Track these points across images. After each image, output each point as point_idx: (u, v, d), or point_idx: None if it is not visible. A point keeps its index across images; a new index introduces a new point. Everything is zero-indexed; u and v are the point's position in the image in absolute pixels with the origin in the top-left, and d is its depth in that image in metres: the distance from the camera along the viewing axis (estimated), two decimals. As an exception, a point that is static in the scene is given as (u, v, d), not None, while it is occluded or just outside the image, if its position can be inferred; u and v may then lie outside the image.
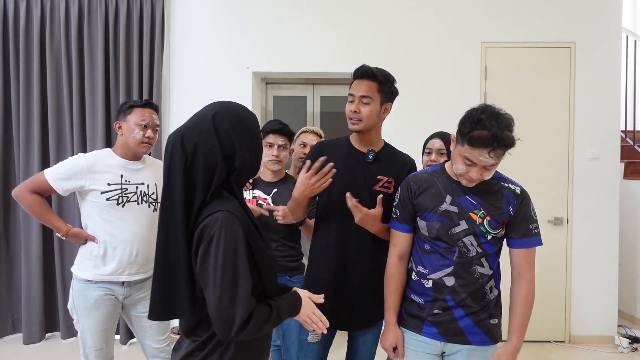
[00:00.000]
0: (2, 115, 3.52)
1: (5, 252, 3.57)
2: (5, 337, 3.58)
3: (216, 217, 1.10)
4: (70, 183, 2.00)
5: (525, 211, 1.58)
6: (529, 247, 1.59)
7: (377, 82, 1.79)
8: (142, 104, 2.11)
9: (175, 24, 3.64)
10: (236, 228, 1.11)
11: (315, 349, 1.87)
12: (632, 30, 5.35)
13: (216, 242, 1.08)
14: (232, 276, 1.09)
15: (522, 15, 3.59)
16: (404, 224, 1.68)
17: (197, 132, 1.15)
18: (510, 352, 1.59)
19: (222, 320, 1.08)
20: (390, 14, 3.61)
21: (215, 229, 1.09)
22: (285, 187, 2.24)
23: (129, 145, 2.09)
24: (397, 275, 1.69)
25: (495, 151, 1.46)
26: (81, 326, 2.06)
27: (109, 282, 2.06)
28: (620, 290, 3.67)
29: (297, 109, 4.03)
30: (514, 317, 1.61)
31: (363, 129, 1.81)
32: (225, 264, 1.08)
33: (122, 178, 2.06)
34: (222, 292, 1.08)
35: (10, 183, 3.55)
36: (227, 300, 1.08)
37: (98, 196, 2.01)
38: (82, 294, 2.04)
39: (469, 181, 1.54)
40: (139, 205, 2.09)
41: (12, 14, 3.48)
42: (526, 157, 3.56)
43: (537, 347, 3.54)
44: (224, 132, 1.16)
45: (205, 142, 1.14)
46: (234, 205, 1.16)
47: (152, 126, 2.11)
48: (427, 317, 1.62)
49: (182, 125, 1.20)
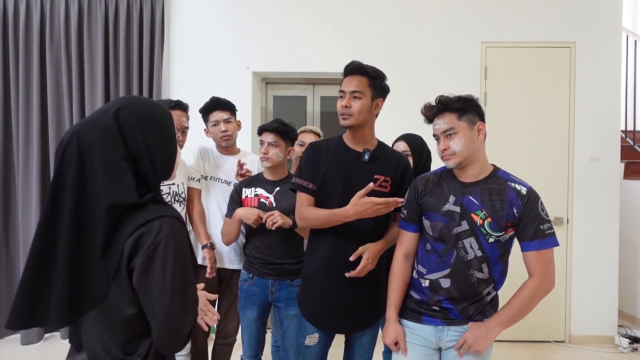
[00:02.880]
0: (2, 115, 3.52)
1: (5, 252, 3.57)
2: (5, 337, 3.58)
3: (159, 223, 1.00)
4: None
5: (532, 211, 1.54)
6: (542, 249, 1.53)
7: (368, 77, 1.79)
8: (171, 107, 2.12)
9: (175, 24, 3.63)
10: (183, 234, 1.05)
11: (314, 352, 1.86)
12: (632, 30, 5.35)
13: (163, 249, 0.99)
14: (181, 284, 1.02)
15: (522, 15, 3.59)
16: (410, 223, 1.70)
17: (97, 129, 1.02)
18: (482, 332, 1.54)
19: (171, 332, 1.01)
20: (390, 14, 3.61)
21: (161, 235, 1.00)
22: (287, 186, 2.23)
23: None
24: (401, 273, 1.70)
25: (442, 114, 1.58)
26: None
27: None
28: (620, 290, 3.67)
29: (297, 109, 4.03)
30: (509, 301, 1.58)
31: (354, 124, 1.80)
32: (175, 272, 1.00)
33: None
34: (172, 302, 1.00)
35: (10, 183, 3.55)
36: (177, 310, 1.01)
37: None
38: None
39: (445, 159, 1.59)
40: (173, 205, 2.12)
41: (12, 14, 3.48)
42: (526, 157, 3.56)
43: (537, 347, 3.54)
44: (128, 129, 1.04)
45: (105, 139, 1.01)
46: (174, 210, 1.07)
47: (181, 129, 2.14)
48: (425, 312, 1.64)
49: (80, 121, 1.07)
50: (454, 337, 1.60)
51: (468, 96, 1.59)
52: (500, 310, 1.60)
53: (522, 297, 1.55)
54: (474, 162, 1.58)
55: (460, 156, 1.55)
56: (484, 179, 1.60)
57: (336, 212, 1.73)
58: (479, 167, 1.60)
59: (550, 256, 1.57)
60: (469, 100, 1.58)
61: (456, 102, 1.57)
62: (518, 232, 1.57)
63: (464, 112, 1.56)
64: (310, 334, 1.84)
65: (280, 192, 2.24)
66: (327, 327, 1.85)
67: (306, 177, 1.86)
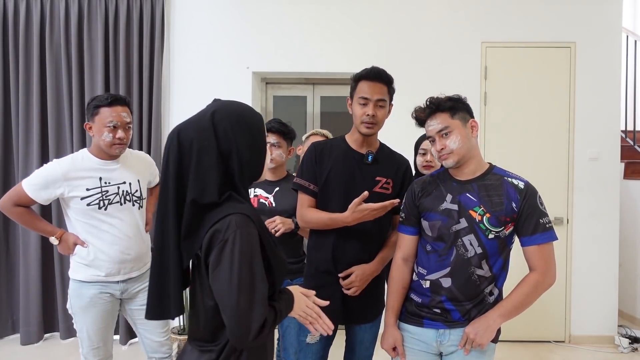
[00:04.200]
0: (2, 116, 3.52)
1: (5, 253, 3.57)
2: (5, 337, 3.58)
3: (229, 220, 1.07)
4: (48, 192, 1.94)
5: (531, 205, 1.54)
6: (542, 243, 1.54)
7: (388, 85, 1.81)
8: (109, 102, 1.96)
9: (175, 24, 3.63)
10: (251, 230, 1.08)
11: (315, 350, 1.87)
12: (632, 30, 5.35)
13: (231, 245, 1.05)
14: (249, 279, 1.05)
15: (522, 15, 3.59)
16: (409, 226, 1.69)
17: (195, 129, 1.13)
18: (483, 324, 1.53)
19: (239, 325, 1.04)
20: (390, 14, 3.61)
21: (229, 232, 1.05)
22: (287, 187, 2.23)
23: (101, 147, 2.00)
24: (400, 277, 1.69)
25: (434, 114, 1.57)
26: (79, 325, 2.06)
27: (103, 282, 2.05)
28: (620, 290, 3.67)
29: (297, 109, 4.03)
30: (510, 294, 1.57)
31: (375, 132, 1.83)
32: (241, 267, 1.04)
33: (102, 180, 1.99)
34: (238, 296, 1.04)
35: (10, 183, 3.55)
36: (244, 304, 1.04)
37: (78, 202, 1.96)
38: (77, 293, 2.03)
39: (443, 159, 1.58)
40: (122, 206, 2.04)
41: (12, 14, 3.48)
42: (526, 157, 3.56)
43: (537, 347, 3.54)
44: (222, 129, 1.13)
45: (201, 138, 1.11)
46: (247, 207, 1.13)
47: (122, 125, 1.98)
48: (426, 316, 1.62)
49: (183, 121, 1.19)
50: (456, 342, 1.58)
51: (456, 96, 1.61)
52: (501, 302, 1.58)
53: (523, 290, 1.55)
54: (470, 159, 1.59)
55: (458, 154, 1.55)
56: (480, 175, 1.60)
57: (336, 218, 1.74)
58: (474, 164, 1.60)
59: (551, 250, 1.57)
60: (458, 100, 1.60)
61: (447, 101, 1.58)
62: (518, 227, 1.56)
63: (456, 110, 1.57)
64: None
65: (280, 192, 2.24)
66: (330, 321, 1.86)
67: (307, 177, 1.86)
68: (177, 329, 3.44)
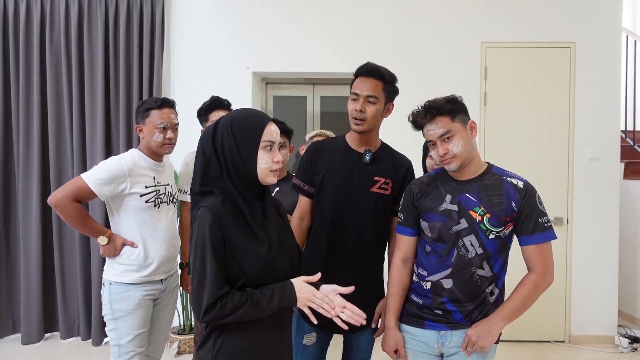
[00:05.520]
0: (2, 116, 3.52)
1: (5, 252, 3.57)
2: (5, 337, 3.58)
3: (198, 211, 1.24)
4: (111, 187, 1.95)
5: (531, 204, 1.53)
6: (542, 242, 1.54)
7: (383, 82, 1.74)
8: (159, 105, 2.08)
9: (175, 24, 3.63)
10: (207, 221, 1.20)
11: (312, 352, 1.86)
12: (632, 30, 5.35)
13: (194, 234, 1.22)
14: (200, 264, 1.20)
15: (522, 15, 3.59)
16: (407, 227, 1.68)
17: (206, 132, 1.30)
18: (486, 328, 1.53)
19: (194, 303, 1.20)
20: (390, 14, 3.61)
21: (195, 222, 1.23)
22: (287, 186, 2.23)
23: (152, 147, 2.09)
24: (399, 278, 1.68)
25: (434, 118, 1.53)
26: (122, 331, 1.99)
27: (149, 282, 2.05)
28: (620, 290, 3.67)
29: (297, 109, 4.03)
30: (510, 296, 1.57)
31: (366, 130, 1.76)
32: (195, 253, 1.21)
33: (155, 180, 2.07)
34: (193, 278, 1.21)
35: (10, 183, 3.55)
36: (197, 285, 1.20)
37: (137, 199, 2.00)
38: (123, 296, 1.99)
39: (446, 163, 1.55)
40: (168, 205, 2.13)
41: (12, 13, 3.48)
42: (526, 157, 3.56)
43: (537, 347, 3.54)
44: (219, 131, 1.27)
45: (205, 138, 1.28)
46: (215, 201, 1.24)
47: (172, 126, 2.10)
48: (427, 317, 1.62)
49: None
50: (457, 343, 1.58)
51: (452, 97, 1.58)
52: (503, 305, 1.58)
53: (524, 291, 1.55)
54: (471, 160, 1.58)
55: (461, 157, 1.54)
56: (479, 175, 1.59)
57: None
58: (474, 164, 1.59)
59: (550, 249, 1.57)
60: (456, 101, 1.57)
61: (447, 104, 1.54)
62: (517, 227, 1.56)
63: (455, 113, 1.54)
64: (308, 333, 1.83)
65: (280, 192, 2.24)
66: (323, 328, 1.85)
67: (303, 177, 1.85)
68: (177, 329, 3.44)
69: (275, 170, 1.29)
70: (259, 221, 1.29)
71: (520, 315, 1.57)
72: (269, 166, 1.27)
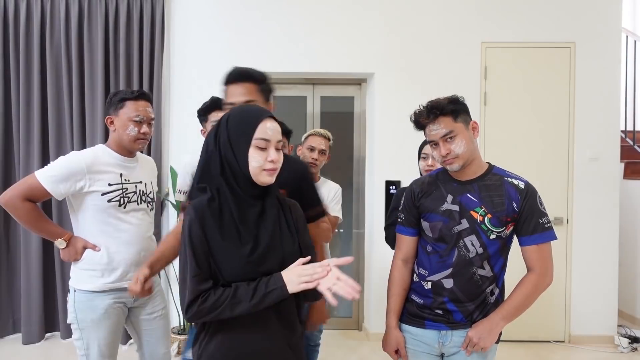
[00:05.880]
0: (2, 115, 3.52)
1: (6, 252, 3.58)
2: (6, 337, 3.58)
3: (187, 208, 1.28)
4: (67, 185, 1.78)
5: (531, 205, 1.54)
6: (542, 243, 1.55)
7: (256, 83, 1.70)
8: (135, 96, 1.90)
9: (175, 24, 3.63)
10: (188, 218, 1.23)
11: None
12: (632, 30, 5.35)
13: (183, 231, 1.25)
14: (183, 260, 1.22)
15: (522, 15, 3.59)
16: (408, 227, 1.68)
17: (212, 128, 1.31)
18: (486, 328, 1.54)
19: (180, 301, 1.22)
20: (389, 14, 3.61)
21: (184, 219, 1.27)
22: None
23: (124, 142, 1.90)
24: (400, 279, 1.68)
25: (437, 119, 1.53)
26: (87, 341, 1.84)
27: (117, 290, 1.87)
28: (620, 290, 3.67)
29: (297, 109, 4.02)
30: (510, 296, 1.58)
31: None
32: (181, 250, 1.24)
33: (122, 177, 1.88)
34: (179, 272, 1.23)
35: (10, 183, 3.54)
36: (180, 282, 1.22)
37: (98, 198, 1.82)
38: (88, 305, 1.84)
39: (448, 163, 1.55)
40: (138, 205, 1.93)
41: (12, 14, 3.48)
42: (526, 157, 3.56)
43: (537, 347, 3.55)
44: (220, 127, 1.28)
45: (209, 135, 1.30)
46: (201, 199, 1.25)
47: (147, 120, 1.92)
48: (428, 317, 1.62)
49: None
50: (458, 343, 1.58)
51: (455, 97, 1.57)
52: (502, 304, 1.58)
53: (523, 291, 1.55)
54: (472, 161, 1.58)
55: (463, 158, 1.54)
56: (480, 176, 1.59)
57: None
58: (475, 165, 1.59)
59: (550, 250, 1.58)
60: (458, 101, 1.57)
61: (449, 104, 1.54)
62: (517, 227, 1.57)
63: (458, 113, 1.54)
64: None
65: None
66: None
67: None
68: (177, 329, 3.44)
69: (269, 169, 1.22)
70: (249, 221, 1.24)
71: (519, 315, 1.58)
72: (261, 165, 1.21)
